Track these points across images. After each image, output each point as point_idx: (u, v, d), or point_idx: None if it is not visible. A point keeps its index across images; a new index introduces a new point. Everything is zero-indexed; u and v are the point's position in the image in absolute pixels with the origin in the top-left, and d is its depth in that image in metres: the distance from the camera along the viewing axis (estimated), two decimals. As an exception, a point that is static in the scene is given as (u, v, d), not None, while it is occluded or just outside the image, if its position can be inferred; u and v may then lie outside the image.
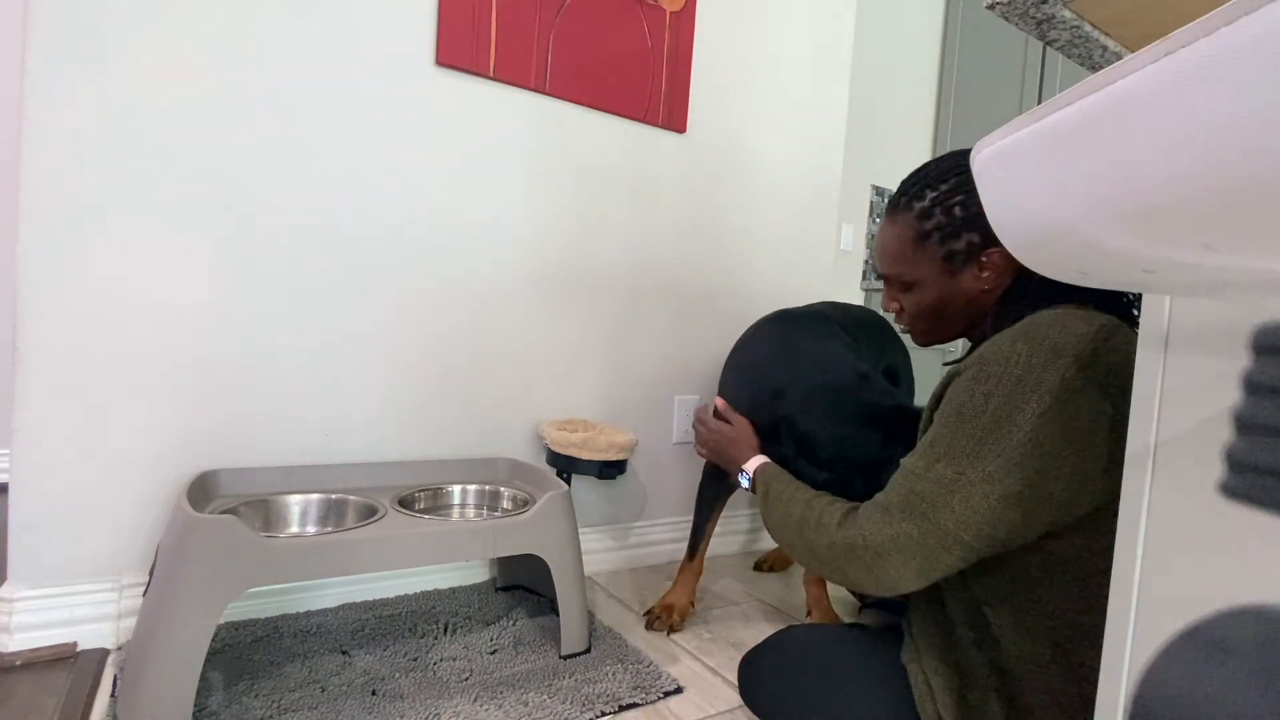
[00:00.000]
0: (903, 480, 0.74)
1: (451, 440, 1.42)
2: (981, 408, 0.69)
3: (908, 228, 0.83)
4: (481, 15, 1.35)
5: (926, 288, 0.84)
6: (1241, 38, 0.21)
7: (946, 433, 0.71)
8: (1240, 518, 0.48)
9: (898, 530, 0.71)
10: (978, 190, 0.38)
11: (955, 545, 0.69)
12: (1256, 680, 0.47)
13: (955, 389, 0.72)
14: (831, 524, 0.79)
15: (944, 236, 0.81)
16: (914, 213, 0.82)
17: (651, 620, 1.33)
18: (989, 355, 0.70)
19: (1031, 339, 0.69)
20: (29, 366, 1.04)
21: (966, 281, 0.81)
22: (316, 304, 1.25)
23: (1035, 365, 0.67)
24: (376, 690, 1.01)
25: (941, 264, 0.82)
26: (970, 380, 0.71)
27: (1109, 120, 0.26)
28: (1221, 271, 0.32)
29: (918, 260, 0.83)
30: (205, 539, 0.87)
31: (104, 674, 1.02)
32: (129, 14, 1.07)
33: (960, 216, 0.79)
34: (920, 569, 0.71)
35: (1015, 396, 0.67)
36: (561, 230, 1.51)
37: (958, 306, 0.83)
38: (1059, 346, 0.67)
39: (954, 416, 0.71)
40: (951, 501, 0.68)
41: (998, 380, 0.68)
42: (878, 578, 0.73)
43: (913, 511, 0.71)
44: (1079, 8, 0.69)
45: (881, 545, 0.72)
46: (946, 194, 0.80)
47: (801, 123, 1.86)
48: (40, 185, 1.03)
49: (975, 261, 0.80)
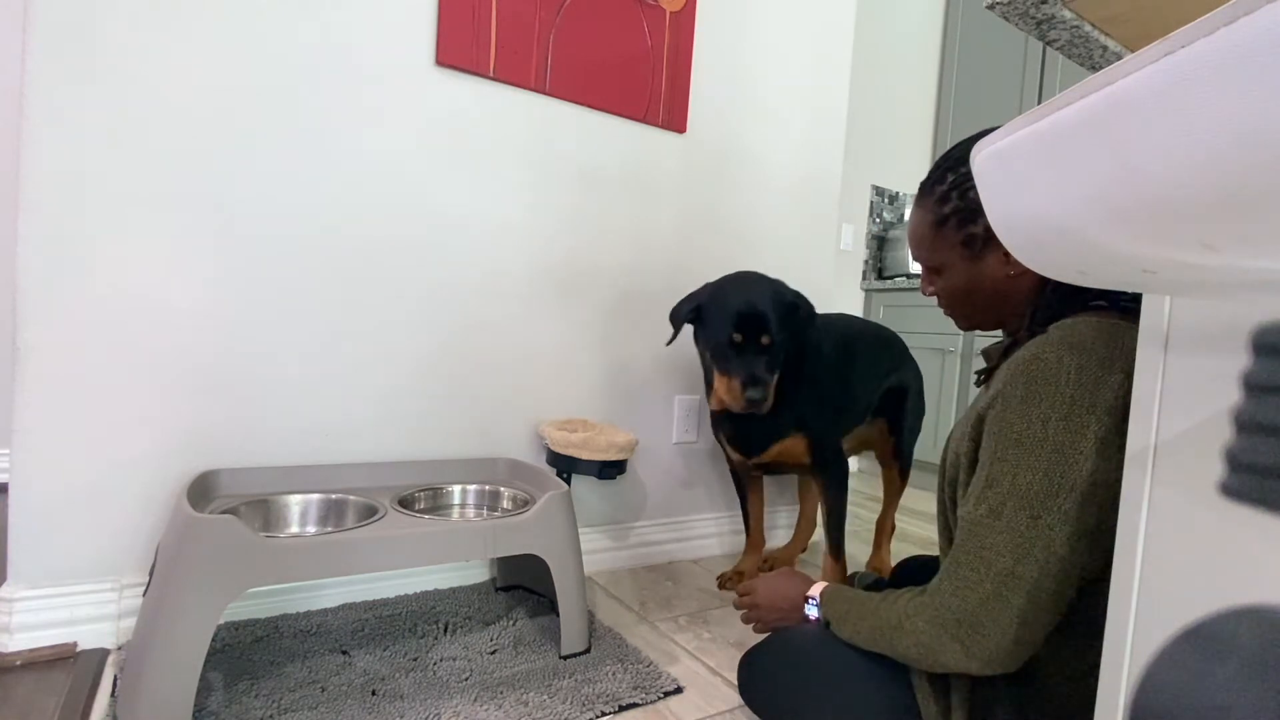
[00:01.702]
0: (971, 536, 0.68)
1: (451, 440, 1.42)
2: (1041, 436, 0.65)
3: (928, 212, 0.83)
4: (481, 15, 1.35)
5: (951, 273, 0.82)
6: (1241, 38, 0.21)
7: (1008, 469, 0.66)
8: (1240, 518, 0.48)
9: (984, 593, 0.65)
10: (979, 189, 0.38)
11: (1047, 598, 0.64)
12: (1256, 680, 0.47)
13: (1005, 414, 0.68)
14: (908, 616, 0.72)
15: (961, 221, 0.80)
16: (934, 197, 0.82)
17: (724, 581, 1.53)
18: (1037, 373, 0.67)
19: (1079, 351, 0.66)
20: (29, 367, 1.04)
21: (992, 266, 0.79)
22: (316, 304, 1.25)
23: (1087, 383, 0.64)
24: (376, 690, 1.01)
25: (961, 249, 0.80)
26: (1022, 404, 0.66)
27: (1109, 120, 0.26)
28: (1221, 271, 0.32)
29: (938, 245, 0.82)
30: (205, 539, 0.87)
31: (104, 674, 1.02)
32: (129, 14, 1.07)
33: (975, 199, 0.78)
34: (1019, 635, 0.64)
35: (1073, 419, 0.64)
36: (562, 230, 1.51)
37: (986, 292, 0.81)
38: (1108, 359, 0.65)
39: (1012, 447, 0.66)
40: (1033, 551, 0.64)
41: (1051, 401, 0.65)
42: (975, 654, 0.66)
43: (990, 569, 0.65)
44: (1079, 8, 0.69)
45: (969, 614, 0.66)
46: (964, 177, 0.79)
47: (801, 123, 1.86)
48: (40, 185, 1.03)
49: (998, 246, 0.78)
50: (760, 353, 1.26)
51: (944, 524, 0.82)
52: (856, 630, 0.80)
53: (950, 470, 0.78)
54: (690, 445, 1.76)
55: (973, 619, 0.66)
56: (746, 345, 1.26)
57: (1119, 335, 0.67)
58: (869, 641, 0.79)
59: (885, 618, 0.76)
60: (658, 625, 1.33)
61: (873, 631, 0.78)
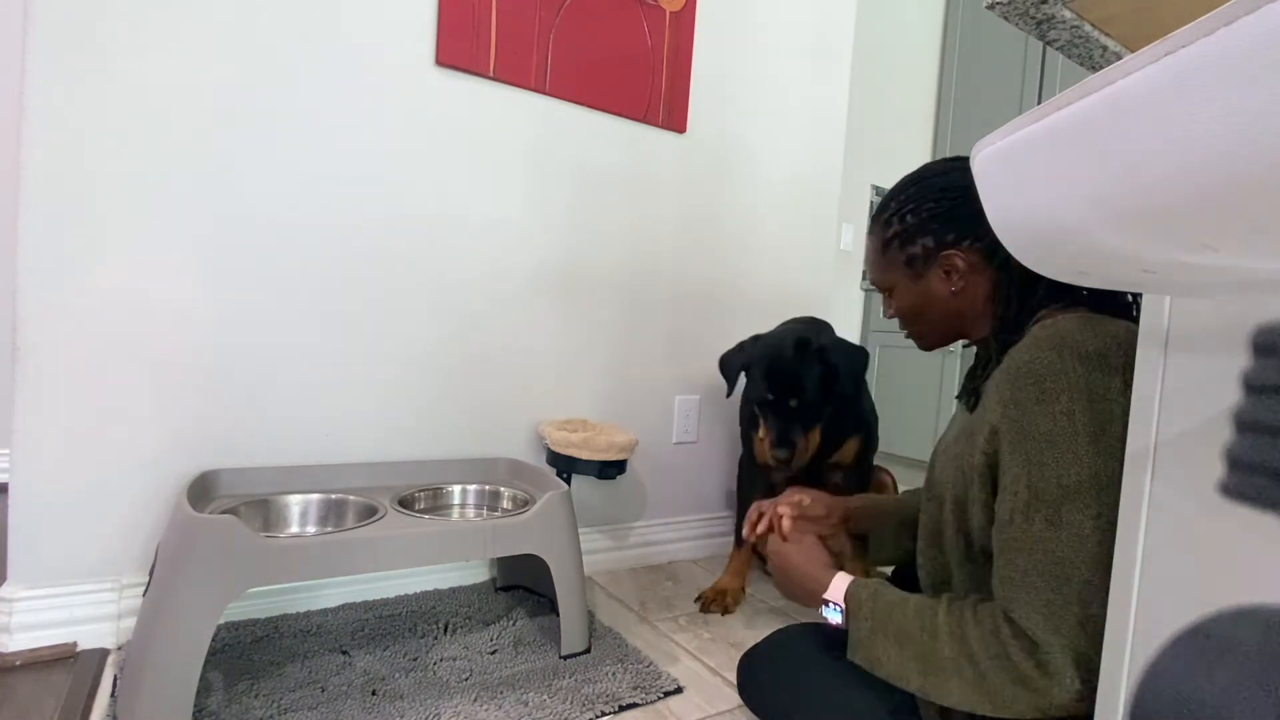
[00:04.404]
0: (1032, 553, 0.64)
1: (451, 440, 1.42)
2: (1071, 429, 0.63)
3: (877, 237, 0.88)
4: (481, 15, 1.35)
5: (902, 293, 0.86)
6: (1241, 38, 0.21)
7: (1050, 473, 0.64)
8: (1240, 518, 0.48)
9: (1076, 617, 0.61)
10: (978, 192, 0.38)
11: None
12: (1256, 680, 0.47)
13: (1024, 419, 0.66)
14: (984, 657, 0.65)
15: (902, 242, 0.84)
16: (880, 221, 0.87)
17: (707, 604, 1.41)
18: (1044, 372, 0.66)
19: (1071, 345, 0.66)
20: (29, 367, 1.04)
21: (935, 284, 0.83)
22: (316, 304, 1.25)
23: (1092, 370, 0.64)
24: (376, 690, 1.01)
25: (905, 268, 0.84)
26: (1039, 404, 0.65)
27: (1109, 120, 0.26)
28: (1221, 271, 0.32)
29: (887, 266, 0.87)
30: (205, 539, 0.87)
31: (104, 674, 1.02)
32: (130, 14, 1.07)
33: (912, 222, 0.83)
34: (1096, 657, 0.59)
35: (1096, 405, 0.63)
36: (562, 230, 1.51)
37: (937, 309, 0.84)
38: (1101, 349, 0.65)
39: (1047, 448, 0.64)
40: (1101, 554, 0.61)
41: (1071, 393, 0.64)
42: (1040, 687, 0.62)
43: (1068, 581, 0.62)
44: (1079, 8, 0.69)
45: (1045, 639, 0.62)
46: (902, 203, 0.84)
47: (801, 123, 1.86)
48: (40, 185, 1.03)
49: (937, 264, 0.82)
50: (793, 414, 1.33)
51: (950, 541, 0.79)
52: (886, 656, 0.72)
53: (956, 489, 0.75)
54: (690, 445, 1.76)
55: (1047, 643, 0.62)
56: (779, 404, 1.34)
57: (1097, 325, 0.68)
58: (899, 673, 0.71)
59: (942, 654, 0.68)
60: (658, 625, 1.33)
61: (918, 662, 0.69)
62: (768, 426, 1.36)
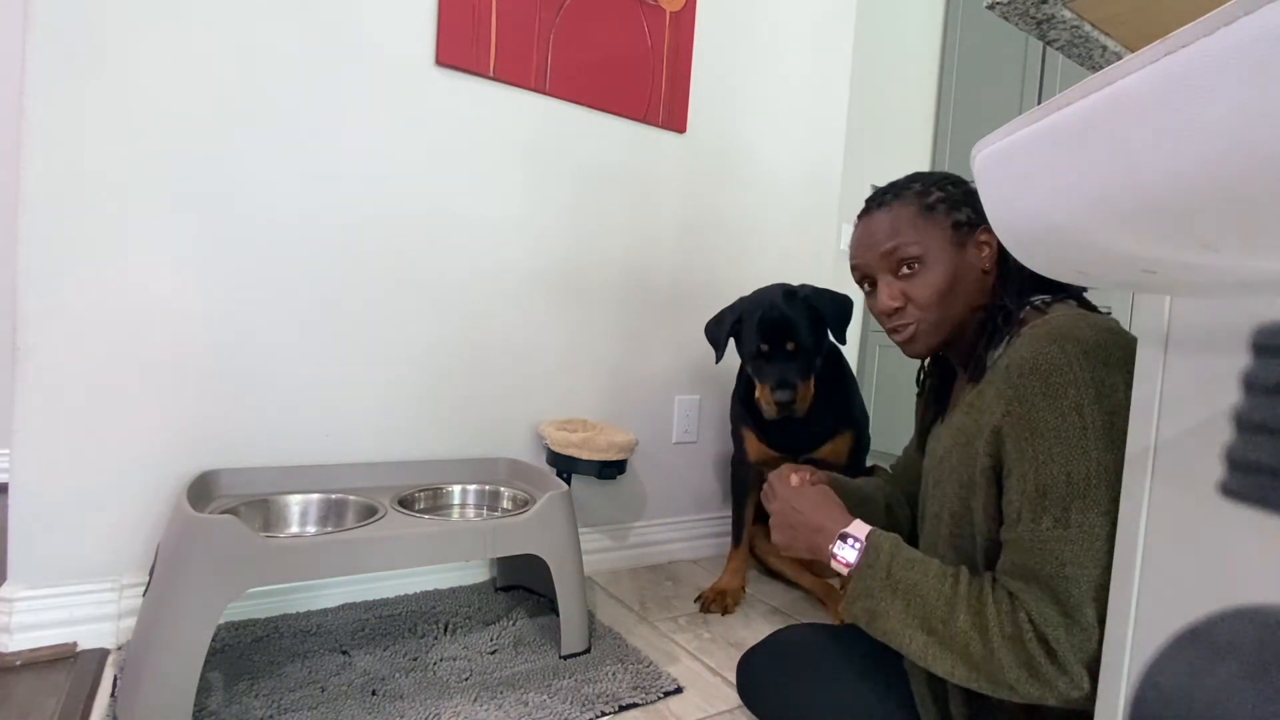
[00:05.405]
0: (1042, 552, 0.63)
1: (451, 440, 1.42)
2: (1079, 424, 0.63)
3: (909, 205, 0.80)
4: (481, 15, 1.35)
5: (936, 262, 0.78)
6: (1241, 38, 0.21)
7: (1059, 470, 0.63)
8: (1240, 518, 0.48)
9: (1090, 618, 0.61)
10: (977, 190, 0.38)
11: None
12: (1255, 679, 0.47)
13: (1031, 415, 0.65)
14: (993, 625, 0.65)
15: (949, 207, 0.79)
16: (911, 193, 0.81)
17: (706, 604, 1.41)
18: (1048, 367, 0.65)
19: (1071, 339, 0.65)
20: (29, 366, 1.04)
21: (971, 256, 0.79)
22: (316, 304, 1.25)
23: (1095, 364, 0.64)
24: (376, 690, 1.01)
25: (951, 232, 0.79)
26: (1046, 399, 0.64)
27: (1109, 120, 0.26)
28: (1221, 271, 0.32)
29: (928, 229, 0.79)
30: (205, 539, 0.87)
31: (104, 674, 1.02)
32: (130, 13, 1.07)
33: (954, 191, 0.80)
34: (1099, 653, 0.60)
35: (1103, 398, 0.63)
36: (561, 230, 1.51)
37: (965, 287, 0.79)
38: (1098, 342, 0.65)
39: (1056, 443, 0.63)
40: (1112, 550, 0.60)
41: (1078, 387, 0.63)
42: (1048, 676, 0.62)
43: (1081, 588, 0.61)
44: (1079, 8, 0.69)
45: (1056, 635, 0.62)
46: (932, 179, 0.82)
47: (801, 122, 1.86)
48: (40, 186, 1.03)
49: (974, 237, 0.79)
50: (789, 359, 1.33)
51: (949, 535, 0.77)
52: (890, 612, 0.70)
53: (954, 504, 0.75)
54: (690, 445, 1.76)
55: (1055, 639, 0.62)
56: (774, 353, 1.34)
57: (1090, 319, 0.68)
58: (898, 631, 0.70)
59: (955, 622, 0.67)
60: (658, 625, 1.33)
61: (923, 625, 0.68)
62: (766, 375, 1.35)
